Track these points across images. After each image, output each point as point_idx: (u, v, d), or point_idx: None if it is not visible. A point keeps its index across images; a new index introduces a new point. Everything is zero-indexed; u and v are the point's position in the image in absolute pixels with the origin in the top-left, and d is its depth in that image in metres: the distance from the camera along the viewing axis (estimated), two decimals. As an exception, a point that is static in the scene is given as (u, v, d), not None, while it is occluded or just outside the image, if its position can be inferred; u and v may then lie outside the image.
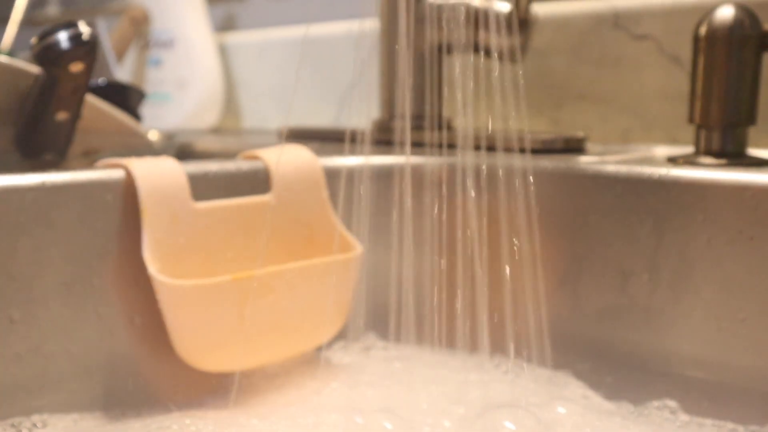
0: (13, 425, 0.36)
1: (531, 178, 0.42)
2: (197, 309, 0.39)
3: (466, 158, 0.41)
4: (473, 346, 0.38)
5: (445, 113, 0.59)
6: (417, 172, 0.47)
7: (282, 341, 0.42)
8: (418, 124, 0.59)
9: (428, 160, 0.48)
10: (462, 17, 0.54)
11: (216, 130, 0.90)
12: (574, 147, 0.54)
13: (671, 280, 0.41)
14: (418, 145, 0.46)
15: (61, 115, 0.48)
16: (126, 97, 0.61)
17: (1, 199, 0.37)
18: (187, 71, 0.88)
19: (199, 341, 0.39)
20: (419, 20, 0.56)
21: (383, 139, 0.51)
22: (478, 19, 0.54)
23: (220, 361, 0.40)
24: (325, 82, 0.83)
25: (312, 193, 0.46)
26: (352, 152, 0.42)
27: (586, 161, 0.47)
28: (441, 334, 0.39)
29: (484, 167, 0.43)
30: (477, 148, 0.44)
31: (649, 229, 0.42)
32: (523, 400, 0.36)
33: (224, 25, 0.97)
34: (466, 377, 0.39)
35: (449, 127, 0.60)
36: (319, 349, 0.45)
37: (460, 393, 0.37)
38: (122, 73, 0.88)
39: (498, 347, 0.39)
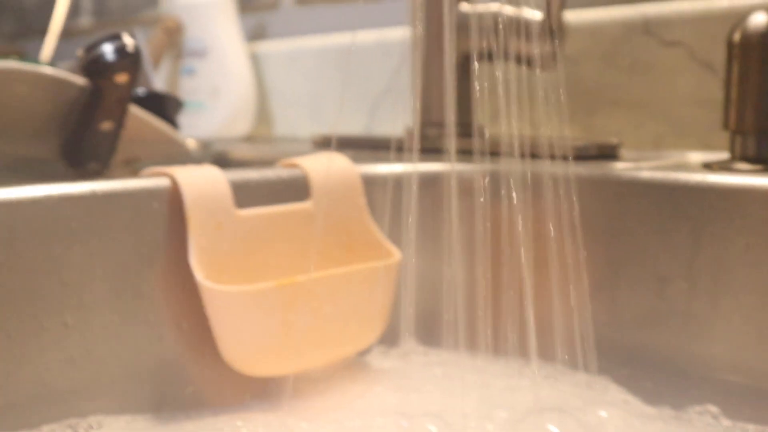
0: (70, 426, 0.37)
1: (568, 184, 0.43)
2: (243, 314, 0.39)
3: (507, 165, 0.41)
4: (513, 352, 0.39)
5: (479, 121, 0.60)
6: (457, 179, 0.48)
7: (324, 346, 0.43)
8: (452, 131, 0.60)
9: (467, 167, 0.49)
10: (494, 26, 0.55)
11: (249, 138, 0.91)
12: (608, 153, 0.54)
13: (709, 285, 0.42)
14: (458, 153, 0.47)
15: (106, 125, 0.50)
16: (164, 106, 0.62)
17: (55, 207, 0.38)
18: (220, 80, 0.89)
19: (244, 346, 0.40)
20: (452, 28, 0.57)
21: (420, 146, 0.52)
22: (510, 27, 0.54)
23: (264, 365, 0.41)
24: (356, 90, 0.84)
25: (350, 200, 0.47)
26: (392, 159, 0.43)
27: (621, 167, 0.47)
28: (481, 339, 0.40)
29: (521, 174, 0.44)
30: (512, 155, 0.45)
31: (686, 235, 0.43)
32: (565, 404, 0.36)
33: (256, 34, 0.98)
34: (507, 382, 0.39)
35: (482, 135, 0.61)
36: (360, 354, 0.46)
37: (502, 397, 0.37)
38: (156, 82, 0.90)
39: (537, 352, 0.39)
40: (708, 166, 0.47)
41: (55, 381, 0.38)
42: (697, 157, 0.55)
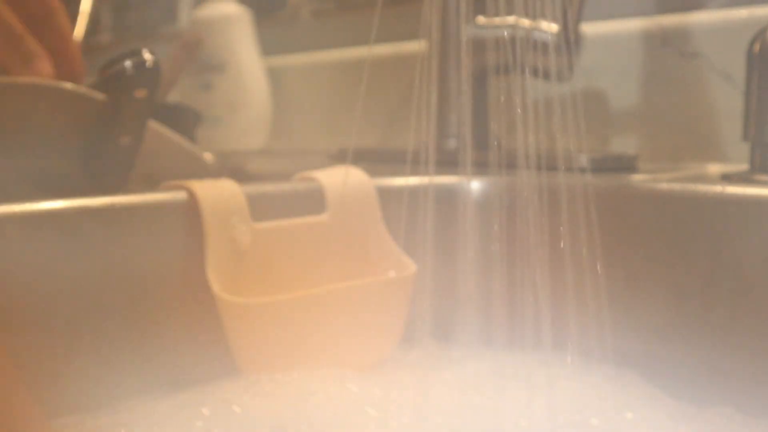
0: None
1: (585, 196, 0.43)
2: (259, 327, 0.40)
3: (523, 177, 0.41)
4: (533, 347, 0.39)
5: (495, 133, 0.60)
6: (474, 191, 0.48)
7: (339, 358, 0.43)
8: (468, 143, 0.60)
9: (483, 180, 0.48)
10: (511, 38, 0.55)
11: (265, 152, 0.92)
12: (626, 165, 0.54)
13: (728, 298, 0.41)
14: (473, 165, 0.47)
15: (125, 140, 0.50)
16: (182, 119, 0.63)
17: (74, 220, 0.38)
18: (237, 95, 0.90)
19: (260, 358, 0.40)
20: (468, 41, 0.57)
21: (435, 159, 0.52)
22: (527, 40, 0.54)
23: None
24: (373, 103, 0.85)
25: (366, 213, 0.47)
26: (408, 172, 0.43)
27: (638, 179, 0.47)
28: (500, 337, 0.40)
29: (537, 186, 0.43)
30: (528, 167, 0.45)
31: (705, 247, 0.42)
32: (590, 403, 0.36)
33: (272, 48, 0.99)
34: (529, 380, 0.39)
35: (498, 147, 0.60)
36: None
37: (528, 395, 0.37)
38: (174, 97, 0.90)
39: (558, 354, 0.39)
40: (727, 178, 0.46)
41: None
42: (715, 168, 0.54)
